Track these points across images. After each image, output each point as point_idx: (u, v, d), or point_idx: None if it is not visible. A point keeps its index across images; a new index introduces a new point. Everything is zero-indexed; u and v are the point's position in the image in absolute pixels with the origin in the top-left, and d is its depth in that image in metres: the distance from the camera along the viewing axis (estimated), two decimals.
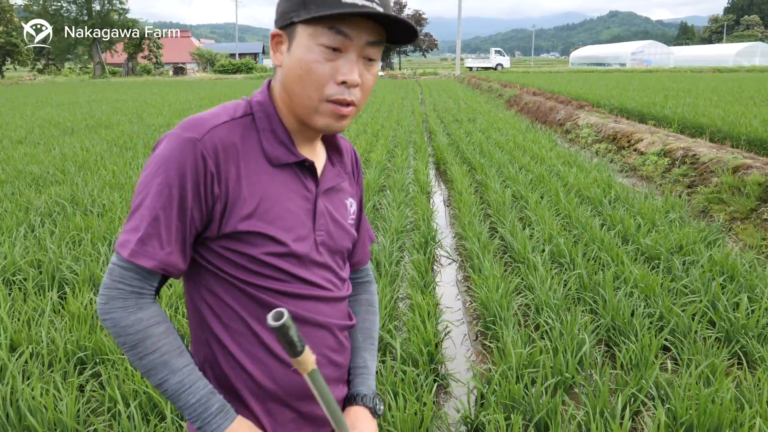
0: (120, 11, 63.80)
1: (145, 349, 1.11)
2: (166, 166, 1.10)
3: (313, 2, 1.08)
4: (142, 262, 1.10)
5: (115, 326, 1.11)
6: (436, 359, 3.59)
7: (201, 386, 1.13)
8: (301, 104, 1.16)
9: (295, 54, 1.13)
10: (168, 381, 1.11)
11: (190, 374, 1.13)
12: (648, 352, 3.43)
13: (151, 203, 1.10)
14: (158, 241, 1.11)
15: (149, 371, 1.11)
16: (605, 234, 5.42)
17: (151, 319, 1.13)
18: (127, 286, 1.12)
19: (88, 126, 14.85)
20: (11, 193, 7.28)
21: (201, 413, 1.12)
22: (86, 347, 3.50)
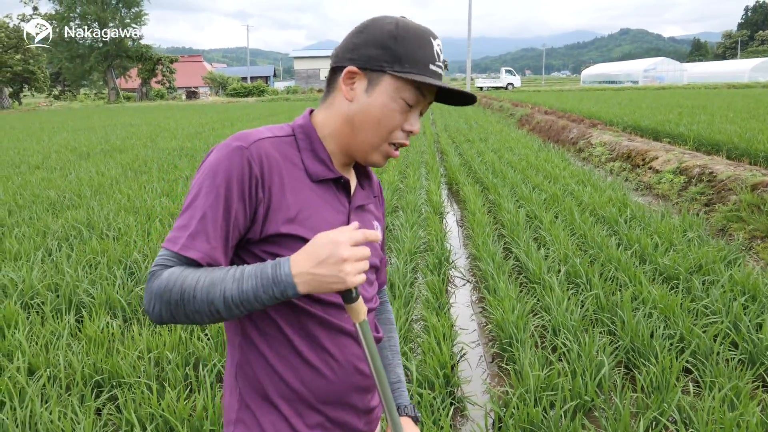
0: (134, 38, 64.72)
1: (191, 286, 1.10)
2: (215, 171, 1.19)
3: (407, 61, 1.24)
4: (190, 254, 1.15)
5: (160, 298, 1.11)
6: (453, 382, 3.56)
7: (249, 269, 1.12)
8: (365, 141, 1.30)
9: (377, 99, 1.27)
10: (226, 290, 1.10)
11: (234, 271, 1.12)
12: (669, 374, 3.37)
13: (200, 203, 1.18)
14: (205, 237, 1.17)
15: (209, 302, 1.10)
16: (622, 254, 5.38)
17: (183, 268, 1.15)
18: (159, 266, 1.15)
19: (103, 150, 15.01)
20: (29, 218, 7.35)
21: (267, 284, 1.09)
22: (103, 370, 3.51)
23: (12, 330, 4.02)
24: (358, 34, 1.28)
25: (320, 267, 1.08)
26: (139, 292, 4.70)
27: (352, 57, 1.27)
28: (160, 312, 1.12)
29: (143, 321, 4.36)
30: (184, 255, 1.15)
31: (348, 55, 1.28)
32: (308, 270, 1.08)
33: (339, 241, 1.09)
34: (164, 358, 3.63)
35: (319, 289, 1.09)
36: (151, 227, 6.57)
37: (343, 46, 1.30)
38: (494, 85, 73.87)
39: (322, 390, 1.30)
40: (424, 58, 1.26)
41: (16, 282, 4.89)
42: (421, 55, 1.25)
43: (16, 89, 61.31)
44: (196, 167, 11.16)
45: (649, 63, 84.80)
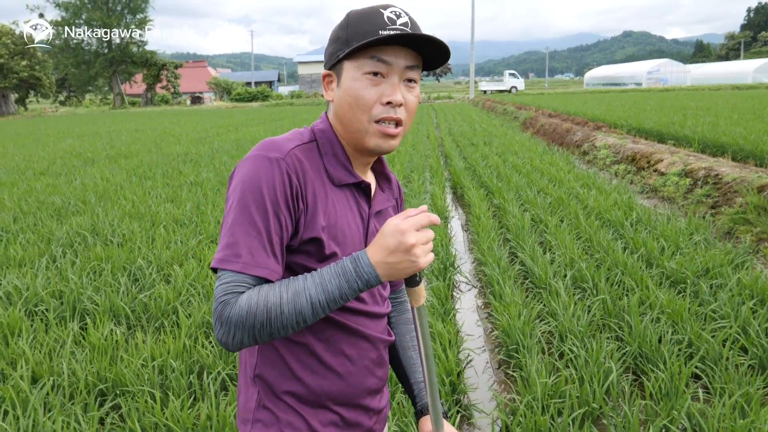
0: (139, 44, 64.96)
1: (276, 304, 1.12)
2: (258, 184, 1.19)
3: (354, 38, 1.24)
4: (257, 272, 1.15)
5: (242, 326, 1.12)
6: (459, 389, 3.53)
7: (328, 271, 1.16)
8: (353, 129, 1.30)
9: (344, 86, 1.28)
10: (311, 297, 1.14)
11: (314, 277, 1.16)
12: (678, 380, 3.34)
13: (251, 218, 1.17)
14: (265, 252, 1.17)
15: (297, 313, 1.13)
16: (628, 258, 5.34)
17: (255, 289, 1.15)
18: (230, 294, 1.14)
19: (108, 156, 15.03)
20: (33, 224, 7.35)
21: (351, 279, 1.15)
22: (107, 378, 3.49)
23: (16, 337, 4.01)
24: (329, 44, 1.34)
25: (392, 256, 1.13)
26: (143, 299, 4.68)
27: (325, 63, 1.35)
28: (241, 339, 1.13)
29: (147, 328, 4.34)
30: (251, 274, 1.15)
31: (325, 63, 1.35)
32: (383, 260, 1.13)
33: (404, 229, 1.12)
34: (168, 366, 3.61)
35: (396, 275, 1.15)
36: (156, 233, 6.56)
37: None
38: (498, 88, 73.85)
39: (337, 391, 1.34)
40: (372, 28, 1.24)
41: (20, 289, 4.88)
42: (369, 28, 1.24)
43: (22, 95, 61.57)
44: (201, 173, 11.18)
45: (653, 65, 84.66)
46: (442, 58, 1.33)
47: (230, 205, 1.20)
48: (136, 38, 64.40)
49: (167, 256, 5.69)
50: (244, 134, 20.54)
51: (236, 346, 1.14)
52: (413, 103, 1.32)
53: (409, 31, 1.24)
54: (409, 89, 1.30)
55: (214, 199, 8.44)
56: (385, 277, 1.15)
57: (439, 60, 1.33)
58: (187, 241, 6.28)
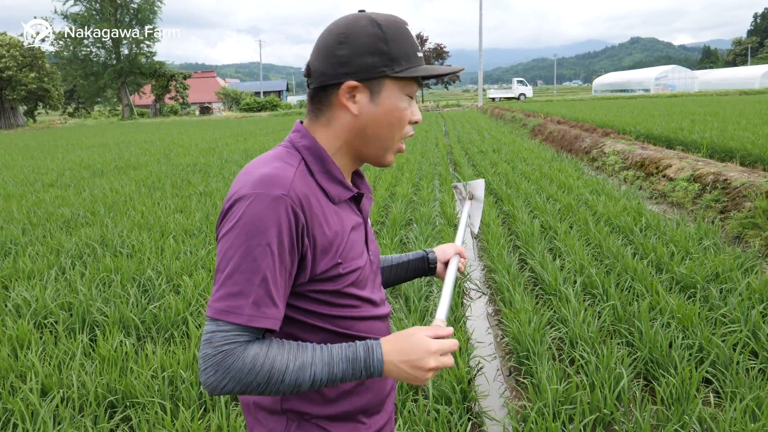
0: (147, 55, 65.37)
1: (280, 371, 1.13)
2: (262, 227, 1.13)
3: (402, 58, 1.25)
4: (262, 324, 1.14)
5: (239, 380, 1.11)
6: (470, 396, 3.51)
7: (338, 352, 1.17)
8: (382, 146, 1.31)
9: (385, 104, 1.27)
10: (315, 374, 1.14)
11: (322, 354, 1.16)
12: (689, 385, 3.31)
13: (255, 265, 1.13)
14: (271, 301, 1.14)
15: (297, 384, 1.14)
16: (638, 263, 5.31)
17: (263, 346, 1.14)
18: (233, 344, 1.12)
19: (117, 167, 15.11)
20: (42, 236, 7.39)
21: (357, 368, 1.17)
22: (117, 390, 3.49)
23: (25, 350, 4.02)
24: (341, 45, 1.23)
25: (407, 365, 1.17)
26: (153, 310, 4.69)
27: (347, 71, 1.24)
28: (231, 389, 1.12)
29: (157, 339, 4.35)
30: (253, 326, 1.13)
31: (341, 70, 1.24)
32: (396, 362, 1.17)
33: (432, 350, 1.17)
34: (178, 377, 3.61)
35: (396, 377, 1.19)
36: (165, 244, 6.58)
37: (325, 61, 1.25)
38: (506, 95, 73.89)
39: (367, 402, 1.36)
40: (413, 49, 1.27)
41: (29, 301, 4.90)
42: (410, 48, 1.27)
43: (31, 107, 61.99)
44: (210, 183, 11.22)
45: (661, 71, 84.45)
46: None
47: (228, 247, 1.15)
48: (144, 49, 64.83)
49: (177, 267, 5.70)
50: (252, 144, 20.61)
51: (222, 392, 1.12)
52: None
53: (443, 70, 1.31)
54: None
55: None
56: (387, 373, 1.18)
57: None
58: (196, 252, 6.29)
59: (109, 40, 62.54)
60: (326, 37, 1.26)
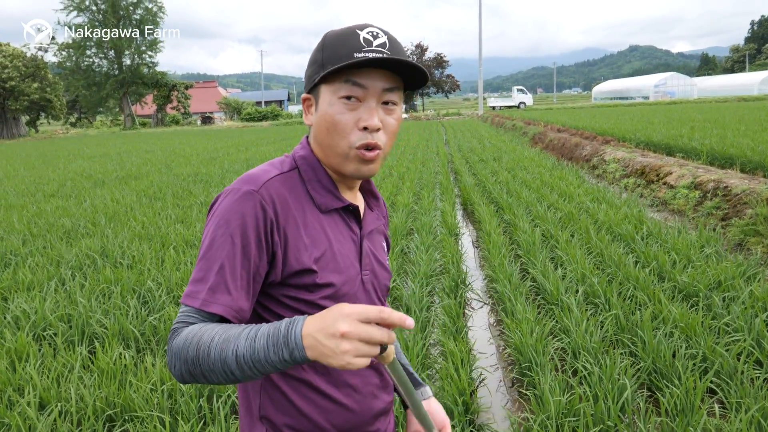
0: (149, 65, 65.56)
1: (206, 344, 1.05)
2: (227, 218, 1.18)
3: (329, 62, 1.21)
4: (213, 309, 1.14)
5: (179, 356, 1.09)
6: (472, 409, 3.48)
7: (263, 328, 1.04)
8: (332, 154, 1.27)
9: (321, 110, 1.26)
10: (238, 348, 1.02)
11: (249, 330, 1.04)
12: (693, 396, 3.28)
13: (216, 254, 1.17)
14: (226, 288, 1.15)
15: (222, 360, 1.03)
16: (640, 272, 5.28)
17: (197, 324, 1.12)
18: (181, 323, 1.14)
19: (118, 177, 15.12)
20: (42, 247, 7.37)
21: (277, 343, 1.00)
22: (115, 404, 3.46)
23: (23, 363, 3.99)
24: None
25: (321, 333, 0.97)
26: (152, 322, 4.67)
27: (305, 87, 1.32)
28: (180, 371, 1.10)
29: (157, 351, 4.32)
30: (206, 311, 1.15)
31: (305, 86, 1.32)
32: (313, 333, 0.98)
33: (347, 313, 0.96)
34: (177, 390, 3.58)
35: (320, 358, 0.98)
36: (166, 255, 6.56)
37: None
38: (506, 104, 74.08)
39: (345, 421, 1.32)
40: (347, 51, 1.20)
41: (28, 313, 4.87)
42: (344, 51, 1.20)
43: (33, 117, 62.12)
44: (211, 193, 11.22)
45: (660, 78, 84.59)
46: (421, 80, 1.28)
47: (203, 237, 1.21)
48: (146, 59, 65.01)
49: (177, 278, 5.68)
50: (254, 154, 20.63)
51: (178, 377, 1.11)
52: (393, 126, 1.28)
53: (385, 54, 1.20)
54: (389, 112, 1.26)
55: None
56: (312, 355, 0.98)
57: (419, 81, 1.29)
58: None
59: (111, 51, 62.70)
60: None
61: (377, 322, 0.96)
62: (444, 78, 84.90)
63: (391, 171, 13.71)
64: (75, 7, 61.69)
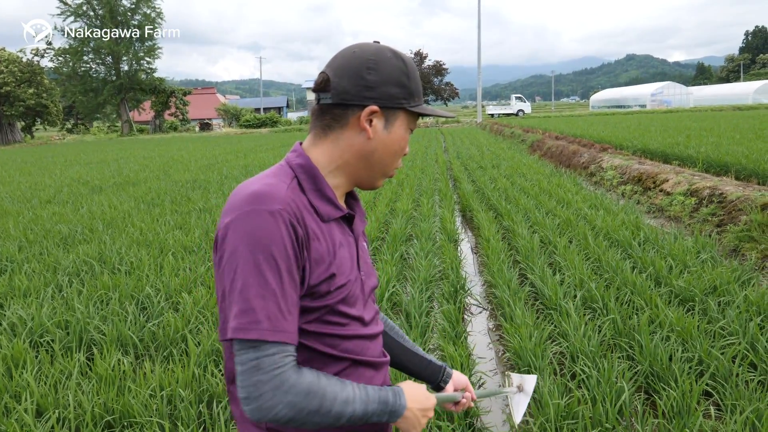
0: (147, 71, 65.47)
1: (331, 401, 1.19)
2: (264, 242, 1.15)
3: (416, 95, 1.36)
4: (277, 337, 1.15)
5: (294, 404, 1.14)
6: (471, 412, 3.49)
7: (372, 393, 1.27)
8: (378, 171, 1.38)
9: (395, 133, 1.35)
10: (355, 411, 1.22)
11: (360, 392, 1.25)
12: (689, 398, 3.30)
13: (264, 280, 1.14)
14: (282, 315, 1.16)
15: (337, 417, 1.20)
16: (637, 277, 5.31)
17: (314, 374, 1.21)
18: (284, 367, 1.15)
19: (116, 184, 15.10)
20: (39, 253, 7.36)
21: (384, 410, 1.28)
22: (114, 410, 3.45)
23: (20, 370, 3.97)
24: (370, 71, 1.29)
25: (420, 412, 1.36)
26: (151, 328, 4.66)
27: (372, 96, 1.30)
28: (284, 415, 1.14)
29: (155, 357, 4.32)
30: (272, 341, 1.14)
31: (366, 94, 1.29)
32: (414, 409, 1.34)
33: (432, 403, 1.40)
34: (177, 396, 3.58)
35: (407, 425, 1.35)
36: (164, 261, 6.56)
37: (351, 82, 1.29)
38: (505, 111, 74.19)
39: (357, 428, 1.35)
40: (421, 88, 1.38)
41: (25, 320, 4.85)
42: (420, 86, 1.38)
43: (29, 123, 61.84)
44: (210, 199, 11.21)
45: (656, 87, 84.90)
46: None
47: (234, 267, 1.15)
48: (144, 65, 64.91)
49: (176, 284, 5.68)
50: (252, 160, 20.64)
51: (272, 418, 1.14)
52: None
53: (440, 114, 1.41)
54: None
55: None
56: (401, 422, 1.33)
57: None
58: (196, 269, 6.27)
59: (109, 57, 62.65)
60: (352, 59, 1.30)
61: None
62: (443, 86, 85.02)
63: (391, 178, 13.71)
64: (72, 12, 61.58)
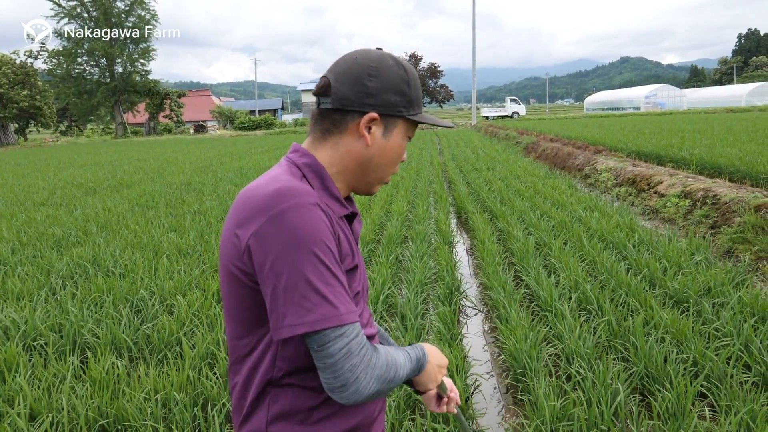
0: (142, 73, 65.30)
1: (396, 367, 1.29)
2: (314, 235, 1.17)
3: (416, 104, 1.37)
4: (356, 318, 1.20)
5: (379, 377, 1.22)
6: (467, 415, 3.49)
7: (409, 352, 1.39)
8: (375, 177, 1.40)
9: (394, 141, 1.37)
10: (407, 371, 1.34)
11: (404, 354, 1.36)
12: (684, 399, 3.31)
13: (323, 271, 1.16)
14: (349, 298, 1.21)
15: (399, 380, 1.30)
16: (632, 279, 5.32)
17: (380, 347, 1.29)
18: (367, 347, 1.21)
19: (110, 186, 15.05)
20: (33, 256, 7.33)
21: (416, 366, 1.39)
22: (108, 414, 3.43)
23: (13, 373, 3.94)
24: (371, 78, 1.30)
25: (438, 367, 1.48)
26: (145, 331, 4.64)
27: (372, 103, 1.31)
28: (374, 389, 1.20)
29: (149, 361, 4.30)
30: (349, 322, 1.18)
31: (366, 100, 1.30)
32: (434, 364, 1.47)
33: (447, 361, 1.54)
34: (171, 399, 3.56)
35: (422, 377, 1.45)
36: (159, 263, 6.54)
37: (352, 88, 1.29)
38: (500, 114, 74.33)
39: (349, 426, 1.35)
40: (421, 97, 1.41)
41: (18, 323, 4.82)
42: (420, 95, 1.40)
43: (22, 125, 61.53)
44: (205, 202, 11.17)
45: (650, 89, 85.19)
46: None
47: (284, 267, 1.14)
48: (139, 67, 64.74)
49: (170, 287, 5.66)
50: (247, 162, 20.61)
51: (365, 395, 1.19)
52: None
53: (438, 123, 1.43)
54: None
55: (218, 228, 8.42)
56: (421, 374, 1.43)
57: None
58: (190, 271, 6.25)
59: (103, 59, 62.50)
60: (353, 65, 1.31)
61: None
62: (438, 88, 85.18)
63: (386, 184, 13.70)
64: (66, 14, 61.42)
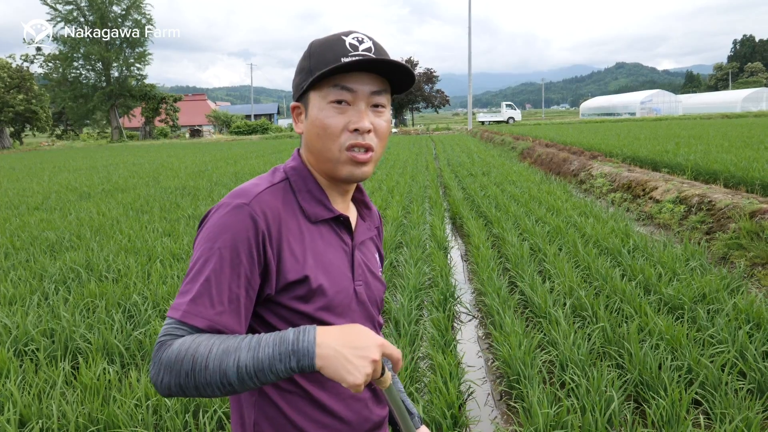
0: (138, 77, 65.30)
1: (203, 356, 1.05)
2: (216, 232, 1.17)
3: (316, 68, 1.23)
4: (193, 321, 1.12)
5: (170, 369, 1.06)
6: (460, 422, 3.46)
7: (266, 337, 1.07)
8: (324, 159, 1.28)
9: (311, 116, 1.27)
10: (240, 359, 1.04)
11: (250, 339, 1.07)
12: (679, 407, 3.29)
13: (203, 267, 1.15)
14: (209, 301, 1.13)
15: (222, 372, 1.04)
16: (627, 285, 5.31)
17: (194, 336, 1.11)
18: (168, 336, 1.11)
19: (104, 190, 15.00)
20: (26, 261, 7.29)
21: (284, 351, 1.04)
22: (99, 420, 3.41)
23: (3, 379, 3.90)
24: (297, 74, 1.32)
25: (349, 350, 1.05)
26: (138, 337, 4.62)
27: (293, 95, 1.34)
28: (168, 384, 1.07)
29: (142, 367, 4.27)
30: (186, 323, 1.12)
31: (295, 95, 1.33)
32: (336, 346, 1.05)
33: (379, 343, 1.08)
34: (163, 406, 3.53)
35: (332, 370, 1.04)
36: (152, 268, 6.51)
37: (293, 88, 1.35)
38: (495, 119, 74.47)
39: None
40: (333, 56, 1.22)
41: (9, 328, 4.79)
42: (331, 56, 1.22)
43: (18, 129, 61.47)
44: (199, 206, 11.16)
45: (646, 95, 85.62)
46: (408, 82, 1.31)
47: (194, 253, 1.20)
48: (135, 71, 64.75)
49: (163, 292, 5.63)
50: (242, 167, 20.58)
51: (164, 390, 1.08)
52: (383, 128, 1.30)
53: (371, 56, 1.22)
54: (378, 114, 1.28)
55: None
56: (322, 364, 1.04)
57: (406, 83, 1.31)
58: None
59: (99, 63, 62.50)
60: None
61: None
62: (433, 93, 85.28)
63: (381, 185, 13.71)
64: (62, 18, 61.43)
